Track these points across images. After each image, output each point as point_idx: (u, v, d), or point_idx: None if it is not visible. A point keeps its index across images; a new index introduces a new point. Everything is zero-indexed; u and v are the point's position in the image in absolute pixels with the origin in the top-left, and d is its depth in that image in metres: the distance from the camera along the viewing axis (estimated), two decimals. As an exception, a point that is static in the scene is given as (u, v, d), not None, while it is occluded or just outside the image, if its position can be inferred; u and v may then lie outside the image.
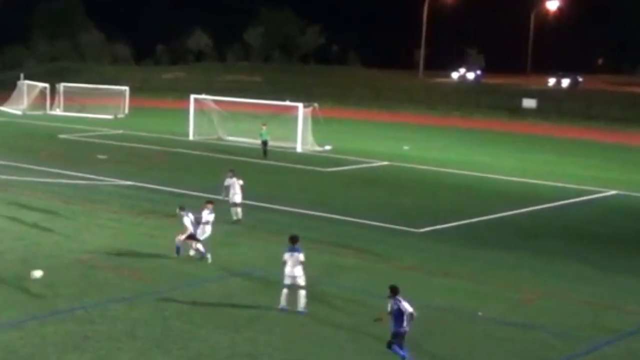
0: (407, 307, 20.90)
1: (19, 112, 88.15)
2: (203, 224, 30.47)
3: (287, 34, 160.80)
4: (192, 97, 71.32)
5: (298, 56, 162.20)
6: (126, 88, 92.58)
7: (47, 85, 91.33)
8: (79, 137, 68.72)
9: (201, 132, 68.55)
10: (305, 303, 24.73)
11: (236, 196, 36.64)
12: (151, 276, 28.32)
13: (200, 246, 30.04)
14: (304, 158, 59.40)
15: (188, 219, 29.97)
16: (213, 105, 71.52)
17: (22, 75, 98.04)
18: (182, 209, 30.37)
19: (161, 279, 28.03)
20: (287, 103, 68.35)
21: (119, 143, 64.97)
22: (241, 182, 36.82)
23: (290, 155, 60.35)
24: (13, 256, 30.03)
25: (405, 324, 20.90)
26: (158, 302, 25.57)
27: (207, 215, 30.64)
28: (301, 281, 24.77)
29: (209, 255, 29.81)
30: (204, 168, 53.83)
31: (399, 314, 20.92)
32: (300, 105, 65.03)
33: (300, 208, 40.62)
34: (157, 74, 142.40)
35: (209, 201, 31.37)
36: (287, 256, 24.86)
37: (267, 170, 54.14)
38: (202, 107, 71.09)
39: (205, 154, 60.08)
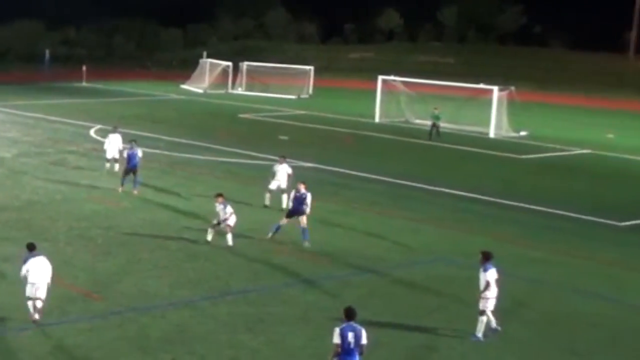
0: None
1: (200, 91, 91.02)
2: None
3: (485, 13, 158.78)
4: (380, 78, 71.81)
5: (496, 37, 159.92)
6: (311, 68, 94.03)
7: (229, 63, 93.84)
8: (260, 117, 70.32)
9: (388, 114, 68.89)
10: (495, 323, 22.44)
11: (282, 183, 36.01)
12: (329, 260, 28.70)
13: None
14: (497, 144, 58.78)
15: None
16: (402, 87, 71.77)
17: (204, 54, 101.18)
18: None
19: (339, 263, 28.37)
20: (482, 86, 67.81)
21: (301, 124, 66.08)
22: (290, 170, 36.31)
23: (483, 141, 59.82)
24: (188, 235, 31.04)
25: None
26: (333, 287, 25.92)
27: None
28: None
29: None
30: (389, 151, 54.15)
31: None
32: (495, 88, 64.40)
33: (491, 196, 40.22)
34: (343, 53, 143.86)
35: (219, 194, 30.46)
36: (489, 275, 22.16)
37: (455, 155, 53.88)
38: (390, 88, 71.49)
39: (391, 137, 60.37)
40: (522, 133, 63.28)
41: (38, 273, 22.06)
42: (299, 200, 30.56)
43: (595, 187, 44.80)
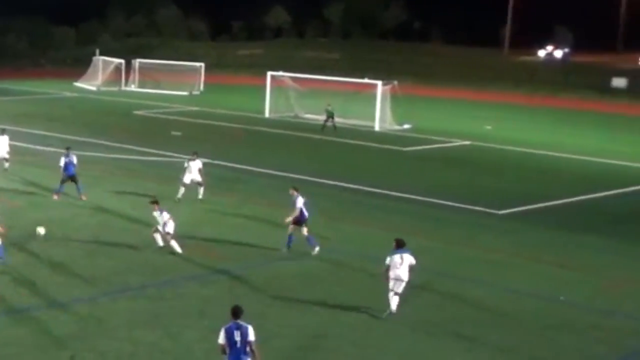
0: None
1: (93, 88, 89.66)
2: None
3: (369, 10, 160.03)
4: (269, 74, 71.79)
5: (379, 33, 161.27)
6: (202, 64, 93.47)
7: (122, 61, 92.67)
8: (153, 113, 69.64)
9: (278, 109, 68.93)
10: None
11: (195, 176, 36.13)
12: (224, 254, 28.57)
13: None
14: (382, 137, 59.30)
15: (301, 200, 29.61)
16: (290, 83, 71.90)
17: (97, 51, 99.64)
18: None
19: (234, 257, 28.27)
20: (366, 81, 68.36)
21: (193, 120, 65.67)
22: (200, 165, 36.44)
23: (368, 134, 60.30)
24: (87, 233, 30.54)
25: None
26: (230, 280, 25.84)
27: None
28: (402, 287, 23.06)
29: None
30: (280, 146, 54.21)
31: None
32: (379, 83, 64.98)
33: (377, 188, 40.57)
34: (233, 50, 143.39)
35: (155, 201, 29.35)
36: (396, 259, 22.96)
37: (343, 148, 54.21)
38: (279, 84, 71.55)
39: (281, 131, 60.40)
40: (405, 126, 63.94)
41: None
42: (293, 204, 29.53)
43: (475, 177, 45.56)
